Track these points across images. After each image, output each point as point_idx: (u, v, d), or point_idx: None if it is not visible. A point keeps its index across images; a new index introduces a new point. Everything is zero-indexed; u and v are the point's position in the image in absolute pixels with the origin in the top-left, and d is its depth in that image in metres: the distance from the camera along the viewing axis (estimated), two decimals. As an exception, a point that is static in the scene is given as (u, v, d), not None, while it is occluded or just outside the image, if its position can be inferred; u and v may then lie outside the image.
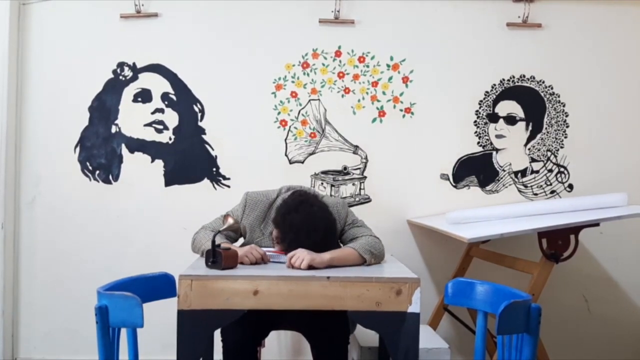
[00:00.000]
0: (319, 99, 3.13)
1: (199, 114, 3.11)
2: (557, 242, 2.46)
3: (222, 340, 2.20)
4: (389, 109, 3.14)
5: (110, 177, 3.11)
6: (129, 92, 3.10)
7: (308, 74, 3.12)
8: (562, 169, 3.18)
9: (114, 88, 3.09)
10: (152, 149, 3.11)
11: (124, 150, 3.10)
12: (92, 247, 3.10)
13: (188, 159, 3.11)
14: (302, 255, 1.95)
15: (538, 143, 3.18)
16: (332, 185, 3.14)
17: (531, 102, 3.16)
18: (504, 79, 3.15)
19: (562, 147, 3.18)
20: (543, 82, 3.15)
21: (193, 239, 2.25)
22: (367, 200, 3.16)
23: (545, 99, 3.17)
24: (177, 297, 1.85)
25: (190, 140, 3.10)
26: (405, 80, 3.13)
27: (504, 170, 3.18)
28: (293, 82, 3.12)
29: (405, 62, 3.13)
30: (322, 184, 3.14)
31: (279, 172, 3.09)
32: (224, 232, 2.18)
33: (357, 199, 3.15)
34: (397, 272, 2.02)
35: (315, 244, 2.01)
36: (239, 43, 3.09)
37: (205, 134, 3.11)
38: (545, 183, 3.19)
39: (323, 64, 3.12)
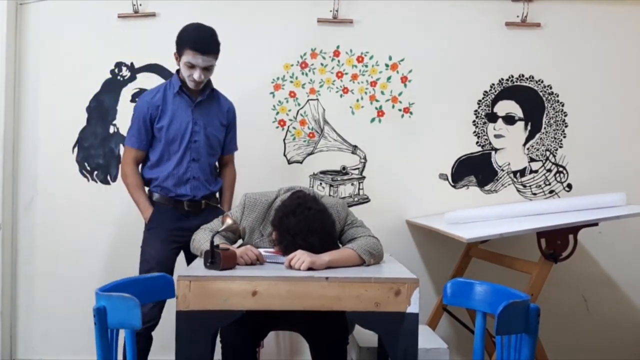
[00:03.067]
0: (317, 99, 3.12)
1: (198, 114, 3.10)
2: (556, 241, 2.47)
3: (220, 341, 2.20)
4: (388, 109, 3.13)
5: (109, 177, 3.10)
6: (127, 92, 3.09)
7: (307, 74, 3.11)
8: (560, 169, 3.18)
9: (112, 88, 3.09)
10: (150, 149, 3.10)
11: (122, 151, 3.09)
12: (91, 248, 3.09)
13: (186, 159, 3.10)
14: (302, 257, 1.94)
15: (537, 143, 3.18)
16: (330, 186, 3.13)
17: (530, 102, 3.16)
18: (502, 79, 3.15)
19: (560, 147, 3.18)
20: (542, 81, 3.16)
21: (192, 240, 2.25)
22: (366, 200, 3.15)
23: (544, 98, 3.17)
24: (176, 298, 1.85)
25: (188, 140, 3.10)
26: (404, 80, 3.13)
27: (502, 170, 3.18)
28: (291, 82, 3.11)
29: (404, 61, 3.13)
30: (320, 184, 3.14)
31: (278, 172, 3.09)
32: (223, 233, 2.17)
33: (355, 199, 3.15)
34: (396, 272, 2.02)
35: (312, 246, 2.01)
36: (237, 43, 3.08)
37: (203, 134, 3.10)
38: (544, 183, 3.19)
39: (322, 64, 3.12)
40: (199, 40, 2.42)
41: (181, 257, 2.59)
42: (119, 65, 3.08)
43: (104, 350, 1.68)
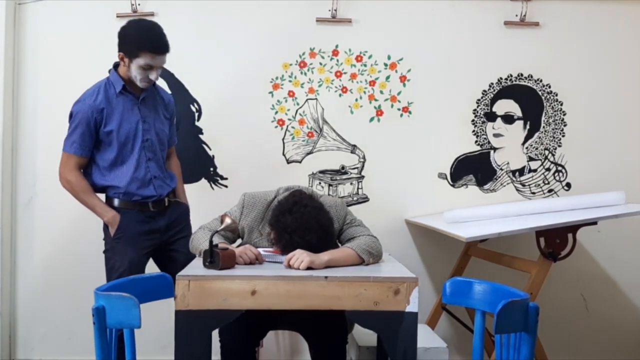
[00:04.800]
0: (316, 99, 3.12)
1: (196, 114, 3.10)
2: (555, 240, 2.47)
3: (220, 340, 2.20)
4: (387, 108, 3.13)
5: (108, 177, 3.09)
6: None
7: (305, 73, 3.11)
8: (559, 168, 3.18)
9: (110, 88, 3.08)
10: (149, 149, 3.09)
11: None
12: (90, 247, 3.07)
13: (185, 159, 3.07)
14: (301, 257, 1.94)
15: (536, 142, 3.18)
16: (329, 185, 3.13)
17: (529, 101, 3.17)
18: (501, 78, 3.15)
19: (559, 146, 3.18)
20: (541, 80, 3.16)
21: (191, 239, 2.25)
22: (365, 199, 3.15)
23: (543, 97, 3.17)
24: (175, 298, 1.84)
25: (187, 140, 3.09)
26: (403, 79, 3.13)
27: (501, 169, 3.18)
28: (290, 81, 3.11)
29: (403, 61, 3.13)
30: (319, 183, 3.14)
31: (277, 172, 3.09)
32: (222, 232, 2.17)
33: (354, 199, 3.14)
34: (395, 271, 2.02)
35: (310, 244, 2.01)
36: (236, 42, 3.09)
37: (202, 133, 3.11)
38: (543, 182, 3.19)
39: (320, 63, 3.11)
40: (158, 41, 2.33)
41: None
42: (117, 65, 3.06)
43: (103, 350, 1.68)
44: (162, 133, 2.50)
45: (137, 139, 2.41)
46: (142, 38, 2.32)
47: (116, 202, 2.43)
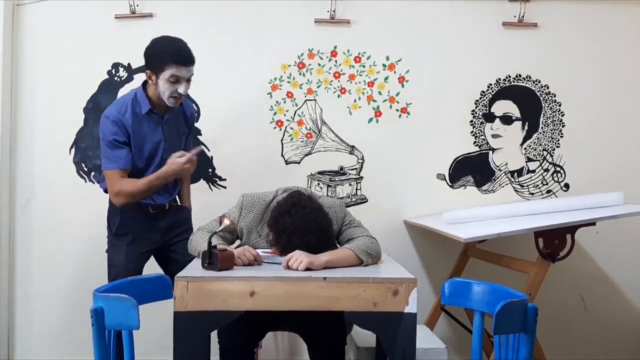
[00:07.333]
0: (315, 99, 3.12)
1: (195, 115, 3.09)
2: (554, 241, 2.47)
3: (218, 341, 2.19)
4: (385, 109, 3.14)
5: (106, 178, 3.09)
6: (124, 93, 3.08)
7: (304, 74, 3.11)
8: (558, 169, 3.19)
9: (109, 89, 3.08)
10: (148, 150, 3.09)
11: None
12: (88, 249, 3.08)
13: (184, 159, 3.09)
14: (299, 258, 1.94)
15: (534, 142, 3.18)
16: (328, 186, 3.13)
17: (527, 102, 3.17)
18: (500, 79, 3.16)
19: (558, 147, 3.18)
20: (539, 81, 3.16)
21: (190, 240, 2.24)
22: (364, 200, 3.15)
23: (541, 98, 3.17)
24: (174, 299, 1.84)
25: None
26: (402, 80, 3.13)
27: (500, 170, 3.19)
28: (289, 82, 3.11)
29: (401, 62, 3.13)
30: (318, 184, 3.14)
31: (275, 173, 3.09)
32: (220, 233, 2.17)
33: (353, 200, 3.15)
34: (394, 272, 2.02)
35: (309, 245, 2.00)
36: (234, 43, 3.09)
37: (201, 134, 3.11)
38: (542, 182, 3.19)
39: (319, 64, 3.12)
40: (182, 52, 2.33)
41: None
42: (115, 66, 3.07)
43: (101, 351, 1.68)
44: (178, 149, 2.49)
45: (156, 158, 2.44)
46: (165, 51, 2.32)
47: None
